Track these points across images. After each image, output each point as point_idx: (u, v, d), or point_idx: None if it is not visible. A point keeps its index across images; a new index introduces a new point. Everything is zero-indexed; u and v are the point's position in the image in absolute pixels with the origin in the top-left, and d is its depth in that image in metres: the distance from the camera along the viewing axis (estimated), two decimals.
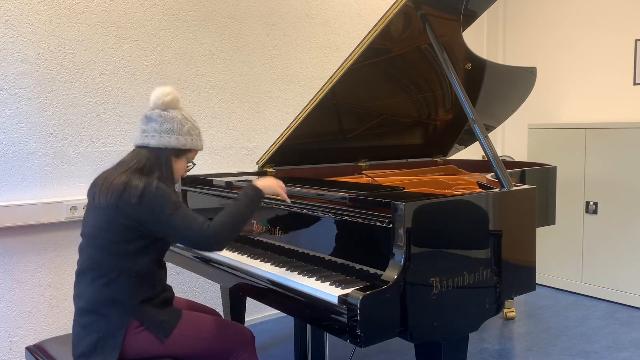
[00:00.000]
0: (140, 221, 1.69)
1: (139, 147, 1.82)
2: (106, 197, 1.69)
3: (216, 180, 2.43)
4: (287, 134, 2.48)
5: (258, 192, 1.83)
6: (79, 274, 1.78)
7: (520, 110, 3.28)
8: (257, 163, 2.69)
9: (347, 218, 1.74)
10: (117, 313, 1.71)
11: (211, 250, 1.82)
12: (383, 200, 1.63)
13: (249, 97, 3.45)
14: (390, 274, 1.53)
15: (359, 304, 1.43)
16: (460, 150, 3.44)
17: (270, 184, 1.87)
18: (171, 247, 2.36)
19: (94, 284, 1.72)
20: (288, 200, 1.92)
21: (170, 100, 1.82)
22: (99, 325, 1.71)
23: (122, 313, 1.71)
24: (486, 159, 2.04)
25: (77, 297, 1.78)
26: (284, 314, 3.36)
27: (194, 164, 1.93)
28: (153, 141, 1.78)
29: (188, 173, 1.96)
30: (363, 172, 2.89)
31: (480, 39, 4.84)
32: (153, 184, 1.70)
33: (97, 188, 1.74)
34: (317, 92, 2.34)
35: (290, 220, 1.99)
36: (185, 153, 1.86)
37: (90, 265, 1.74)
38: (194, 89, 3.21)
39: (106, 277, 1.71)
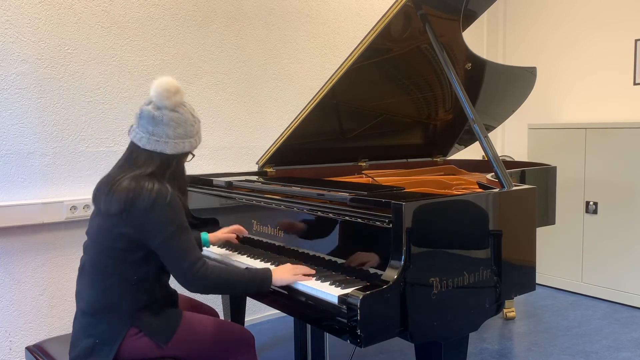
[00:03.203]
0: (142, 229, 1.63)
1: (147, 150, 1.70)
2: (114, 203, 1.62)
3: (216, 180, 2.43)
4: (287, 134, 2.48)
5: (268, 281, 1.73)
6: (81, 270, 1.78)
7: (520, 110, 3.27)
8: (257, 163, 2.69)
9: (347, 218, 1.74)
10: (116, 320, 1.68)
11: (189, 288, 1.67)
12: (383, 200, 1.63)
13: (249, 97, 3.45)
14: (390, 274, 1.53)
15: (359, 304, 1.43)
16: (460, 150, 3.44)
17: (284, 277, 1.74)
18: None
19: (94, 287, 1.70)
20: (307, 279, 1.75)
21: (180, 100, 1.70)
22: (96, 330, 1.69)
23: (120, 320, 1.69)
24: (486, 159, 2.03)
25: (78, 295, 1.78)
26: (284, 314, 3.36)
27: (194, 155, 1.86)
28: (168, 149, 1.69)
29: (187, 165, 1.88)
30: (363, 172, 2.89)
31: (480, 39, 4.84)
32: (168, 195, 1.64)
33: (104, 193, 1.67)
34: (317, 92, 2.34)
35: (290, 220, 1.99)
36: (191, 152, 1.81)
37: (91, 267, 1.72)
38: (194, 89, 3.21)
39: (106, 281, 1.68)
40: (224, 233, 2.15)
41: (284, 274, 1.75)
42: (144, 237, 1.65)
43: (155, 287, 1.76)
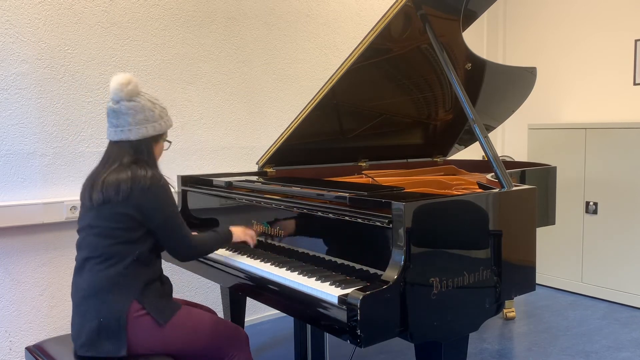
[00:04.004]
0: (142, 210, 1.75)
1: (117, 142, 1.84)
2: (111, 192, 1.73)
3: (216, 180, 2.43)
4: (287, 134, 2.48)
5: (229, 237, 2.05)
6: (78, 269, 1.81)
7: (520, 110, 3.27)
8: (257, 163, 2.69)
9: (347, 218, 1.74)
10: (118, 295, 1.73)
11: (185, 259, 1.94)
12: (383, 200, 1.63)
13: (249, 97, 3.45)
14: (390, 274, 1.53)
15: (359, 304, 1.43)
16: (460, 150, 3.44)
17: (239, 234, 2.08)
18: None
19: (94, 269, 1.75)
20: (252, 245, 2.11)
21: (133, 89, 1.82)
22: (99, 310, 1.72)
23: (123, 295, 1.73)
24: (486, 159, 2.04)
25: (75, 291, 1.80)
26: (284, 314, 3.36)
27: (170, 142, 1.98)
28: (132, 135, 1.81)
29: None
30: (363, 172, 2.89)
31: (480, 39, 4.84)
32: (162, 179, 1.80)
33: (92, 188, 1.78)
34: (317, 92, 2.34)
35: (290, 220, 1.99)
36: (162, 137, 1.92)
37: (89, 253, 1.77)
38: (194, 89, 3.21)
39: (107, 262, 1.75)
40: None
41: (240, 233, 2.09)
42: (144, 218, 1.76)
43: (154, 265, 1.85)
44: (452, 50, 2.42)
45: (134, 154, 1.82)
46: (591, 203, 3.91)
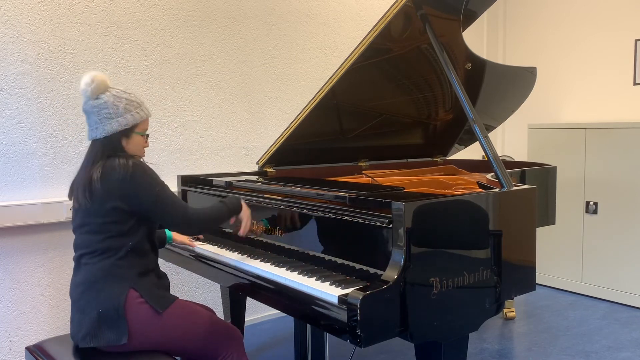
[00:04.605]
0: (130, 198, 1.75)
1: (92, 142, 1.86)
2: (95, 187, 1.74)
3: (216, 180, 2.43)
4: (287, 134, 2.48)
5: (238, 207, 2.00)
6: (75, 268, 1.83)
7: (520, 110, 3.27)
8: (257, 163, 2.69)
9: (347, 218, 1.74)
10: (115, 284, 1.75)
11: (187, 232, 1.96)
12: (383, 200, 1.63)
13: (249, 97, 3.45)
14: (390, 274, 1.53)
15: (359, 304, 1.43)
16: (460, 150, 3.44)
17: (246, 213, 2.04)
18: (171, 247, 2.36)
19: (89, 263, 1.77)
20: (243, 234, 2.05)
21: (97, 87, 1.82)
22: (97, 301, 1.73)
23: (119, 284, 1.75)
24: (486, 159, 2.04)
25: (73, 288, 1.81)
26: (284, 314, 3.36)
27: (148, 135, 1.94)
28: (99, 133, 1.82)
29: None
30: (363, 172, 2.89)
31: (480, 39, 4.84)
32: (139, 163, 1.80)
33: (77, 185, 1.81)
34: (317, 92, 2.34)
35: (290, 220, 1.99)
36: (133, 130, 1.86)
37: (82, 250, 1.79)
38: (194, 89, 3.21)
39: (101, 255, 1.77)
40: (182, 237, 2.33)
41: (247, 212, 2.04)
42: (134, 205, 1.77)
43: (149, 256, 1.86)
44: (452, 50, 2.42)
45: (104, 152, 1.81)
46: (591, 203, 3.91)
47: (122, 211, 1.76)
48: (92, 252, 1.77)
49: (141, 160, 1.86)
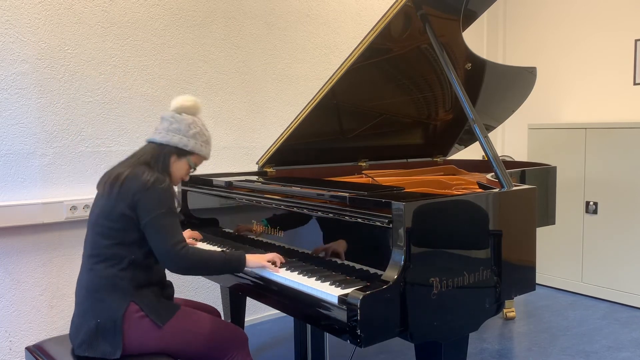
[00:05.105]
0: (135, 208, 1.75)
1: (147, 142, 1.92)
2: (116, 185, 1.77)
3: (216, 180, 2.43)
4: (287, 134, 2.48)
5: (242, 263, 1.85)
6: (83, 264, 1.84)
7: (520, 110, 3.28)
8: (257, 163, 2.69)
9: (347, 218, 1.74)
10: (116, 296, 1.74)
11: (170, 268, 1.78)
12: (383, 200, 1.63)
13: (249, 97, 3.45)
14: (390, 274, 1.53)
15: (359, 304, 1.43)
16: (460, 150, 3.44)
17: (258, 261, 1.87)
18: None
19: (94, 269, 1.77)
20: (276, 270, 1.85)
21: (189, 106, 1.92)
22: (96, 311, 1.74)
23: (120, 297, 1.74)
24: (486, 159, 2.04)
25: (79, 288, 1.82)
26: (284, 314, 3.36)
27: (194, 169, 1.98)
28: (159, 137, 1.89)
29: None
30: (363, 172, 2.89)
31: (480, 39, 4.84)
32: (165, 182, 1.79)
33: (106, 177, 1.83)
34: (317, 92, 2.34)
35: (290, 220, 1.99)
36: (187, 154, 1.91)
37: (91, 252, 1.80)
38: (194, 89, 3.21)
39: (104, 263, 1.76)
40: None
41: (260, 259, 1.87)
42: (137, 217, 1.76)
43: (151, 269, 1.84)
44: (452, 50, 2.42)
45: (151, 156, 1.86)
46: (591, 203, 3.91)
47: (130, 220, 1.76)
48: (98, 256, 1.77)
49: (169, 183, 1.82)
